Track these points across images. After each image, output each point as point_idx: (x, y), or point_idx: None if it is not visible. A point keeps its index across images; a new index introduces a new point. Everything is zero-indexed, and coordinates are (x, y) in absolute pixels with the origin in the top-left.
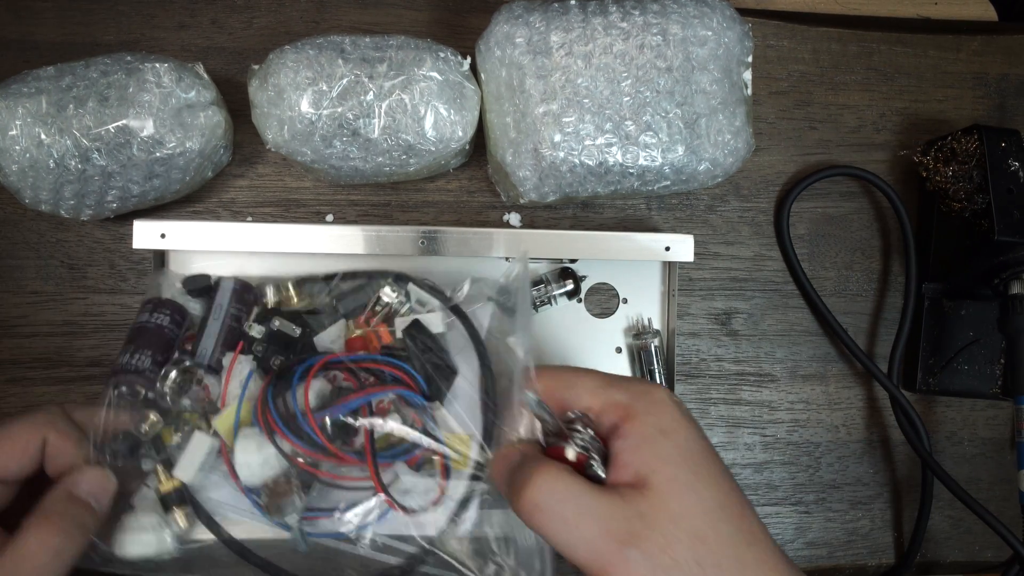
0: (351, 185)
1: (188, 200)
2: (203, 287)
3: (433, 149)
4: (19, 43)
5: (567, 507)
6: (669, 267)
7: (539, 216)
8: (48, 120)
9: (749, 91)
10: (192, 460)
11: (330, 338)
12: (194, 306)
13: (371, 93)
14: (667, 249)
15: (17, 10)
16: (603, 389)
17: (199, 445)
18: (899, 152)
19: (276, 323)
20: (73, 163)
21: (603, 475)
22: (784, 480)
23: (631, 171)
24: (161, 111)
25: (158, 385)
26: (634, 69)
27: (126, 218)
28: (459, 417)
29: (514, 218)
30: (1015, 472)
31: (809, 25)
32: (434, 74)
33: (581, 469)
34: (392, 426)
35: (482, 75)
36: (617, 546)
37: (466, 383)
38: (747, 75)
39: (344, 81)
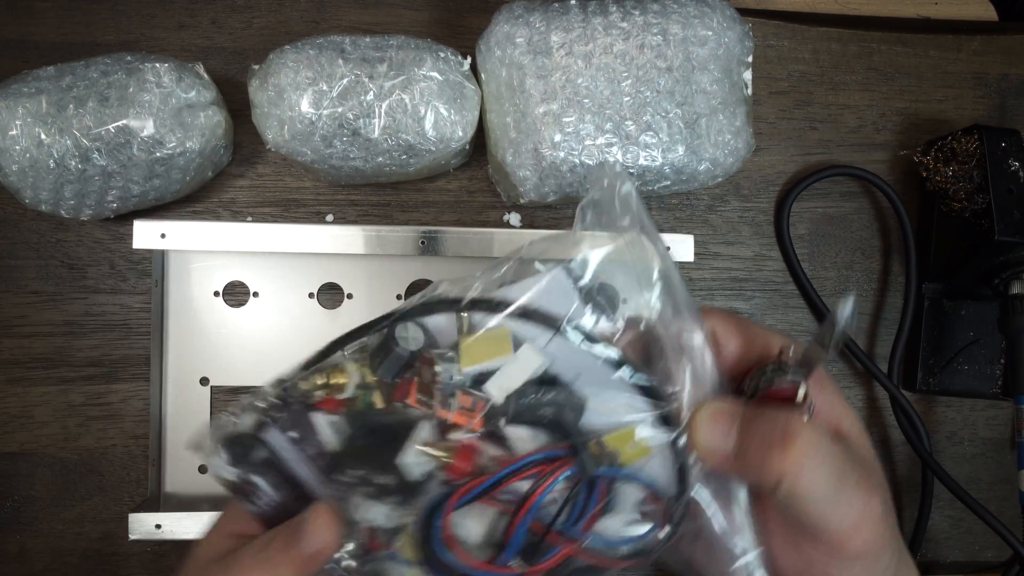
0: (351, 185)
1: (188, 200)
2: (249, 449)
3: (433, 149)
4: (19, 43)
5: (831, 461)
6: None
7: (539, 216)
8: (48, 120)
9: (749, 91)
10: None
11: (415, 457)
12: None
13: (371, 93)
14: (667, 249)
15: (17, 10)
16: (760, 329)
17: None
18: (899, 152)
19: (350, 471)
20: (73, 163)
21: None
22: None
23: (631, 171)
24: (161, 111)
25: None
26: (634, 69)
27: (126, 218)
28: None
29: (514, 218)
30: (1015, 472)
31: (809, 25)
32: (434, 74)
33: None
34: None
35: (482, 75)
36: (867, 496)
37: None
38: (747, 75)
39: (344, 81)
